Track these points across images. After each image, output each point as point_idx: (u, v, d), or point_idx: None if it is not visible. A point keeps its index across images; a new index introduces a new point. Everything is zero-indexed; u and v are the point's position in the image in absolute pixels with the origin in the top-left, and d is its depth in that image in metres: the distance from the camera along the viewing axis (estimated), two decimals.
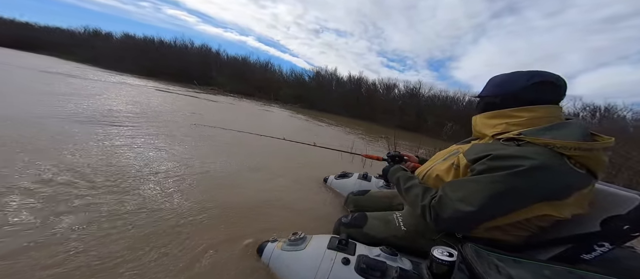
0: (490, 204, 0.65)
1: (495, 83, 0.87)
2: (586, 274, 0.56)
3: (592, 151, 0.63)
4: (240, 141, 2.86)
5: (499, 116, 0.80)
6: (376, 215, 0.99)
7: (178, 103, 5.68)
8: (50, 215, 1.01)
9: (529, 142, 0.67)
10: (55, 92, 3.99)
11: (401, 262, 0.75)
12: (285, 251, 0.87)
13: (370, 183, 1.64)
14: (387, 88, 13.61)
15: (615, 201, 0.70)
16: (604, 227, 0.67)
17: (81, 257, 0.84)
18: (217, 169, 1.85)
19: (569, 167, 0.62)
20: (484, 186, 0.66)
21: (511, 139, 0.71)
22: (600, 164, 0.65)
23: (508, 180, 0.63)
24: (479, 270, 0.55)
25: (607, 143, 0.65)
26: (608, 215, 0.68)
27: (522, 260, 0.62)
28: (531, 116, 0.74)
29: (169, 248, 0.97)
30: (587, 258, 0.67)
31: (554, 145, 0.63)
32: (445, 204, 0.71)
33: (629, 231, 0.64)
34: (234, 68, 15.38)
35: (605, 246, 0.66)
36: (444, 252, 0.66)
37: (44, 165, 1.40)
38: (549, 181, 0.62)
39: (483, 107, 0.88)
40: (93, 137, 2.06)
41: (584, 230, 0.70)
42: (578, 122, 0.72)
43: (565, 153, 0.62)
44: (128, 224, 1.05)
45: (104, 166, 1.53)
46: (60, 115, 2.59)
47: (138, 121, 2.98)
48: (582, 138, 0.65)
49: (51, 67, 8.85)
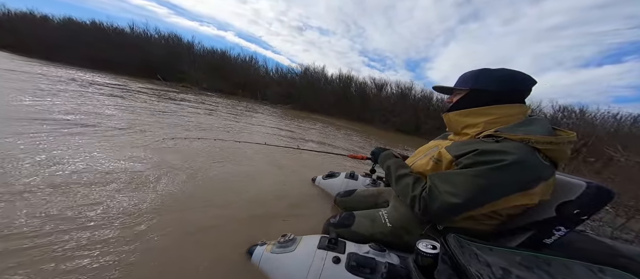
0: (475, 196, 0.71)
1: (466, 79, 0.89)
2: (549, 258, 0.64)
3: (559, 145, 0.71)
4: (221, 148, 2.75)
5: (474, 114, 0.85)
6: (363, 213, 1.01)
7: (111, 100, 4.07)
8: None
9: (506, 138, 0.73)
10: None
11: (389, 257, 0.79)
12: (275, 254, 0.87)
13: (357, 181, 1.68)
14: (378, 87, 12.92)
15: (566, 188, 0.78)
16: (558, 212, 0.76)
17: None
18: (201, 175, 1.76)
19: (540, 160, 0.70)
20: (470, 179, 0.71)
21: (490, 136, 0.78)
22: (564, 156, 0.74)
23: (492, 174, 0.69)
24: (461, 260, 0.60)
25: (571, 137, 0.74)
26: (561, 201, 0.76)
27: (496, 248, 0.68)
28: (504, 113, 0.80)
29: (156, 255, 0.92)
30: (548, 242, 0.76)
31: (528, 139, 0.70)
32: (435, 196, 0.75)
33: (578, 214, 0.73)
34: (211, 63, 13.29)
35: (562, 230, 0.75)
36: (428, 245, 0.71)
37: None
38: (525, 174, 0.69)
39: (457, 102, 0.90)
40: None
41: (544, 216, 0.78)
42: (542, 118, 0.80)
43: (537, 147, 0.70)
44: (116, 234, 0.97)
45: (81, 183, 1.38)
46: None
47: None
48: (549, 133, 0.73)
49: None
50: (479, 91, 0.85)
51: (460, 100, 0.89)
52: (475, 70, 0.89)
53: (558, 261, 0.62)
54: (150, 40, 14.02)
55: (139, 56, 12.44)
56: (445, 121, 0.95)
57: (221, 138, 2.82)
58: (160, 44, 13.94)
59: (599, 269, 0.60)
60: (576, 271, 0.60)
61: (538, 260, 0.63)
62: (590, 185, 0.73)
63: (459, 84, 0.91)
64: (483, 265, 0.60)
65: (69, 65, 10.20)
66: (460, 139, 0.89)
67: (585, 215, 0.73)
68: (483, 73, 0.86)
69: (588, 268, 0.61)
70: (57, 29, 13.89)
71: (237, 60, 14.29)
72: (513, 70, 0.83)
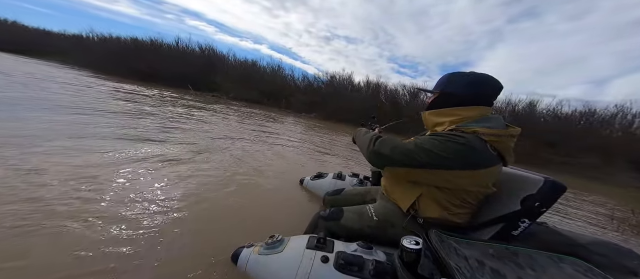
0: (417, 151, 0.81)
1: (440, 83, 0.98)
2: (517, 250, 0.71)
3: (502, 137, 0.82)
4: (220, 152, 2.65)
5: (443, 114, 0.93)
6: (351, 208, 1.05)
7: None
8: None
9: (462, 131, 0.83)
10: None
11: (376, 255, 0.82)
12: (262, 255, 0.86)
13: (345, 181, 1.71)
14: (411, 94, 11.72)
15: (527, 183, 0.86)
16: (523, 205, 0.83)
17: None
18: (189, 178, 1.68)
19: (487, 149, 0.80)
20: (420, 141, 0.83)
21: (450, 130, 0.86)
22: (506, 148, 0.84)
23: (439, 142, 0.80)
24: (442, 254, 0.65)
25: (514, 132, 0.85)
26: (524, 194, 0.84)
27: (472, 242, 0.74)
28: (466, 115, 0.89)
29: (137, 260, 0.87)
30: (515, 234, 0.84)
31: (477, 131, 0.81)
32: (388, 139, 0.89)
33: (539, 207, 0.81)
34: (242, 73, 13.14)
35: (526, 222, 0.83)
36: (412, 241, 0.75)
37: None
38: (472, 156, 0.79)
39: (431, 103, 1.00)
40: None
41: (510, 210, 0.86)
42: (497, 117, 0.89)
43: (484, 139, 0.80)
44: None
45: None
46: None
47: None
48: (499, 127, 0.84)
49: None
50: (448, 94, 0.94)
51: (434, 101, 0.99)
52: (448, 74, 0.97)
53: (524, 252, 0.69)
54: (191, 53, 14.45)
55: (179, 69, 12.58)
56: (423, 119, 1.03)
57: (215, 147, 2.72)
58: (198, 56, 14.39)
59: (559, 258, 0.68)
60: (539, 260, 0.67)
61: (508, 252, 0.69)
62: (546, 179, 0.82)
63: (435, 87, 1.00)
64: (461, 258, 0.65)
65: (120, 78, 10.34)
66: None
67: (545, 207, 0.81)
68: (454, 77, 0.94)
69: (549, 258, 0.68)
70: (99, 44, 15.30)
71: (265, 69, 14.29)
72: (482, 74, 0.91)
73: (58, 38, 19.59)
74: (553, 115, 10.05)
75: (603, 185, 6.19)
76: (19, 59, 10.99)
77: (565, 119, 9.83)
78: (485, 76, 0.90)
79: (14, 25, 21.98)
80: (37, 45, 17.56)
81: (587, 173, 7.10)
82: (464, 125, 0.86)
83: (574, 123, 9.69)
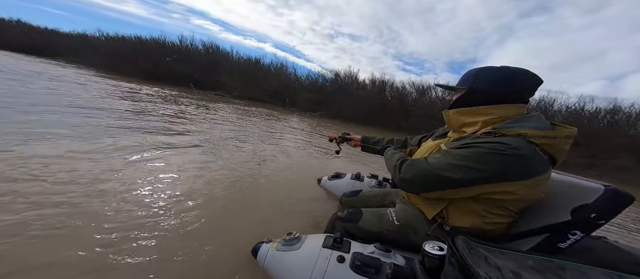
0: (459, 170, 0.71)
1: (466, 78, 0.89)
2: (563, 263, 0.61)
3: (556, 139, 0.71)
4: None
5: (473, 113, 0.84)
6: (371, 210, 1.01)
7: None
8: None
9: (503, 134, 0.72)
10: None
11: (395, 258, 0.77)
12: (280, 251, 0.87)
13: (363, 182, 1.66)
14: (419, 92, 11.17)
15: (582, 191, 0.75)
16: (574, 216, 0.73)
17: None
18: (207, 176, 1.79)
19: (538, 154, 0.69)
20: (460, 156, 0.72)
21: (487, 133, 0.77)
22: (561, 151, 0.72)
23: (484, 154, 0.69)
24: (470, 261, 0.58)
25: (570, 132, 0.72)
26: (577, 204, 0.74)
27: (507, 251, 0.66)
28: (502, 113, 0.79)
29: (163, 253, 0.94)
30: (562, 247, 0.73)
31: (526, 134, 0.70)
32: (418, 162, 0.81)
33: (595, 219, 0.70)
34: (245, 71, 13.20)
35: (578, 234, 0.72)
36: (435, 246, 0.69)
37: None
38: (521, 165, 0.68)
39: (456, 101, 0.90)
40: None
41: (558, 220, 0.75)
42: (538, 115, 0.79)
43: (534, 142, 0.69)
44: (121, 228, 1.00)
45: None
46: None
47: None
48: (546, 128, 0.73)
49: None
50: (477, 90, 0.84)
51: (460, 98, 0.89)
52: (476, 69, 0.88)
53: (573, 267, 0.59)
54: (195, 51, 14.40)
55: (183, 67, 12.65)
56: (445, 118, 0.94)
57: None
58: (201, 54, 14.32)
59: (619, 276, 0.57)
60: (593, 277, 0.57)
61: (552, 265, 0.60)
62: (607, 188, 0.70)
63: (460, 83, 0.91)
64: (492, 268, 0.58)
65: (123, 76, 10.66)
66: (459, 136, 0.88)
67: (602, 219, 0.70)
68: (483, 72, 0.85)
69: (608, 276, 0.57)
70: (105, 44, 15.32)
71: (269, 67, 14.18)
72: (516, 68, 0.80)
73: (65, 38, 19.27)
74: (573, 113, 9.37)
75: (636, 188, 5.08)
76: (23, 59, 10.75)
77: (587, 117, 9.06)
78: (521, 70, 0.80)
79: (19, 24, 20.88)
80: (44, 45, 17.18)
81: (616, 174, 6.26)
82: (503, 126, 0.76)
83: (596, 121, 8.87)
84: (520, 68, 0.80)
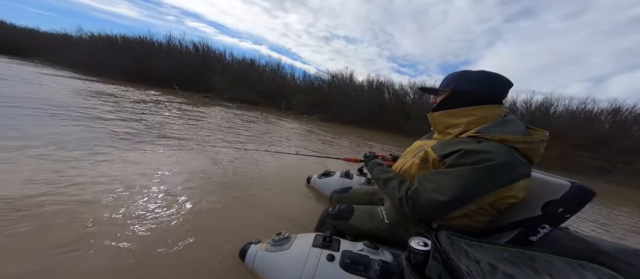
0: (460, 193, 0.74)
1: (449, 81, 0.93)
2: (534, 254, 0.67)
3: (534, 144, 0.76)
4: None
5: (458, 115, 0.89)
6: (362, 208, 1.03)
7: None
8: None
9: (486, 139, 0.77)
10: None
11: (383, 255, 0.80)
12: (269, 252, 0.87)
13: (352, 180, 1.69)
14: (419, 94, 11.01)
15: (551, 188, 0.81)
16: (544, 211, 0.79)
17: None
18: (195, 177, 1.73)
19: (519, 159, 0.75)
20: (455, 178, 0.74)
21: (472, 137, 0.81)
22: (538, 154, 0.79)
23: (475, 174, 0.73)
24: (452, 256, 0.62)
25: (544, 136, 0.79)
26: (547, 200, 0.79)
27: (485, 245, 0.71)
28: (483, 114, 0.85)
29: (143, 258, 0.91)
30: (533, 240, 0.79)
31: (506, 140, 0.75)
32: (421, 194, 0.78)
33: (563, 213, 0.76)
34: (239, 72, 12.45)
35: (547, 228, 0.79)
36: (420, 242, 0.73)
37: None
38: (506, 172, 0.74)
39: (441, 103, 0.94)
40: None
41: (530, 215, 0.81)
42: (515, 119, 0.85)
43: (514, 147, 0.75)
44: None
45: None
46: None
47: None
48: (524, 133, 0.79)
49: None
50: (460, 92, 0.89)
51: (443, 100, 0.93)
52: (457, 72, 0.93)
53: (542, 257, 0.65)
54: (185, 51, 13.44)
55: (171, 67, 11.74)
56: (430, 121, 0.98)
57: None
58: (191, 54, 13.45)
59: (579, 264, 0.63)
60: (558, 266, 0.63)
61: (524, 256, 0.65)
62: (574, 184, 0.77)
63: (442, 86, 0.95)
64: (472, 261, 0.62)
65: (104, 78, 9.76)
66: (444, 138, 0.93)
67: (569, 213, 0.76)
68: (464, 75, 0.90)
69: (569, 264, 0.64)
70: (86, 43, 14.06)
71: (264, 68, 13.47)
72: (492, 72, 0.87)
73: (43, 37, 17.75)
74: (574, 114, 9.17)
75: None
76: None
77: (588, 118, 8.92)
78: (496, 73, 0.86)
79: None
80: (17, 44, 15.98)
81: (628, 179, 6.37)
82: (485, 129, 0.81)
83: (597, 122, 8.79)
84: (495, 72, 0.87)
